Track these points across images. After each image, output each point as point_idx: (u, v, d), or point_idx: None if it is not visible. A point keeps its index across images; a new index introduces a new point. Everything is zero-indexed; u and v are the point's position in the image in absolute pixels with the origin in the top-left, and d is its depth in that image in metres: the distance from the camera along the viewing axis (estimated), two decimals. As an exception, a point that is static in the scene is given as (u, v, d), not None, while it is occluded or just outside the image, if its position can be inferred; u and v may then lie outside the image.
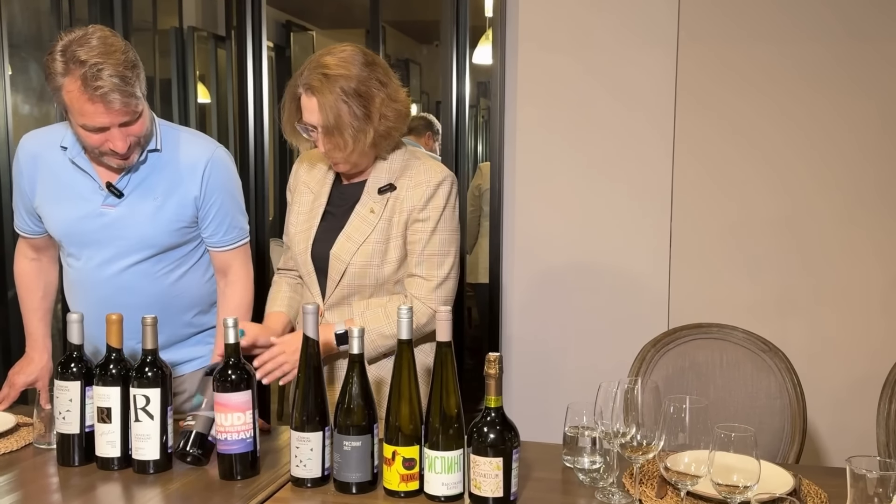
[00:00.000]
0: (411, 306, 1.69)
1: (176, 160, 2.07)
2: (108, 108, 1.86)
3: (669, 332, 2.36)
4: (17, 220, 2.21)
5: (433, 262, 2.03)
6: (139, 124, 1.95)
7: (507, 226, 3.32)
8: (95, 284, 2.11)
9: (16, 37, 3.69)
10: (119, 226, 2.06)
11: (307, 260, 2.09)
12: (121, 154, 1.95)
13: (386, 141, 2.02)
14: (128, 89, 1.86)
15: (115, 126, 1.90)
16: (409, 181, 2.04)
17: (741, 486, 1.45)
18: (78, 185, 2.07)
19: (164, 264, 2.12)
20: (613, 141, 3.20)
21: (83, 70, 1.83)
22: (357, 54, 1.97)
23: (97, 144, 1.94)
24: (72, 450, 1.84)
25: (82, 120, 1.89)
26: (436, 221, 2.03)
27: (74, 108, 1.88)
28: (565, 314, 3.29)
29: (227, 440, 1.73)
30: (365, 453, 1.67)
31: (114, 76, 1.84)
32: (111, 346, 1.82)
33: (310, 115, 1.96)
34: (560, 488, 1.73)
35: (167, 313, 2.07)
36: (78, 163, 2.06)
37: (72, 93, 1.85)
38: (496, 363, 1.57)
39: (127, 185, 2.05)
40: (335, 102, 1.92)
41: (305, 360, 1.72)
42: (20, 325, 2.34)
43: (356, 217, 2.05)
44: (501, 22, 3.25)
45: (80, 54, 1.83)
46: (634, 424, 1.59)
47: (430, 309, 2.01)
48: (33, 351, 2.25)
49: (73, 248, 2.11)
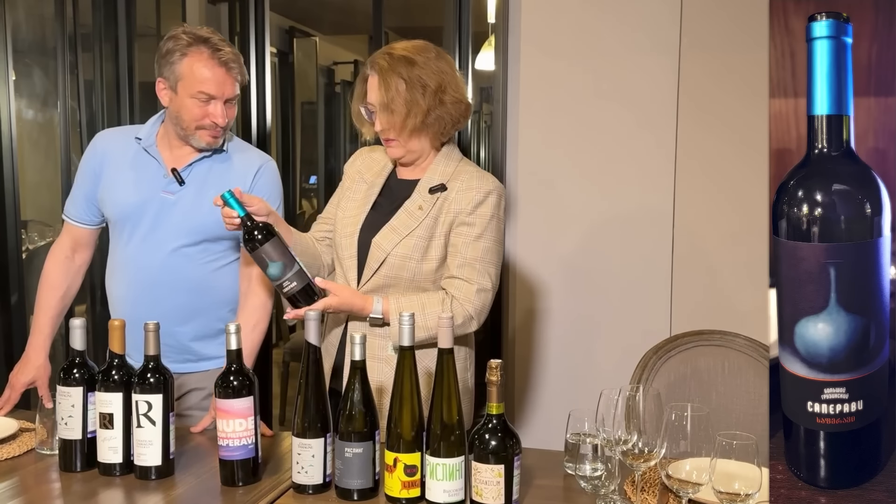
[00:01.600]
0: (413, 314, 1.68)
1: (234, 161, 2.29)
2: (228, 73, 2.16)
3: (671, 338, 2.36)
4: (70, 208, 2.36)
5: (475, 268, 2.04)
6: (234, 110, 2.22)
7: (509, 231, 3.32)
8: (143, 264, 2.25)
9: (20, 42, 3.70)
10: (174, 211, 2.23)
11: (352, 243, 2.12)
12: (220, 126, 2.18)
13: (440, 127, 2.08)
14: (241, 66, 2.20)
15: (221, 100, 2.16)
16: (460, 184, 2.08)
17: (743, 493, 1.44)
18: (145, 170, 2.27)
19: (208, 253, 2.27)
20: (616, 147, 3.20)
21: (209, 42, 2.16)
22: (427, 45, 2.12)
23: (199, 117, 2.17)
24: (74, 455, 1.84)
25: (201, 86, 2.14)
26: (482, 228, 2.05)
27: (196, 76, 2.14)
28: (567, 321, 3.29)
29: (228, 446, 1.73)
30: (366, 460, 1.67)
31: (232, 53, 2.18)
32: (113, 351, 1.82)
33: (371, 94, 2.07)
34: (561, 495, 1.73)
35: (203, 301, 2.27)
36: (150, 151, 2.27)
37: (198, 60, 2.14)
38: (498, 370, 1.57)
39: (189, 176, 2.25)
40: (394, 79, 2.03)
41: (307, 366, 1.72)
42: (24, 330, 2.35)
43: (404, 212, 2.09)
44: (504, 28, 3.26)
45: (203, 34, 2.18)
46: (636, 432, 1.58)
47: (468, 312, 2.03)
48: (31, 350, 2.29)
49: (128, 229, 2.27)
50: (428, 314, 1.99)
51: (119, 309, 2.30)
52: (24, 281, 3.56)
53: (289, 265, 1.87)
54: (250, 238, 1.88)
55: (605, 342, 3.24)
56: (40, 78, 3.78)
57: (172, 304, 2.23)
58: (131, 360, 1.88)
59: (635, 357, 2.34)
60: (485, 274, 2.05)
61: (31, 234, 3.90)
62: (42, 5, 3.86)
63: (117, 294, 2.32)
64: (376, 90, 2.05)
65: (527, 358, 3.35)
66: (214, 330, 2.30)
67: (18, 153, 3.49)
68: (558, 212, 3.27)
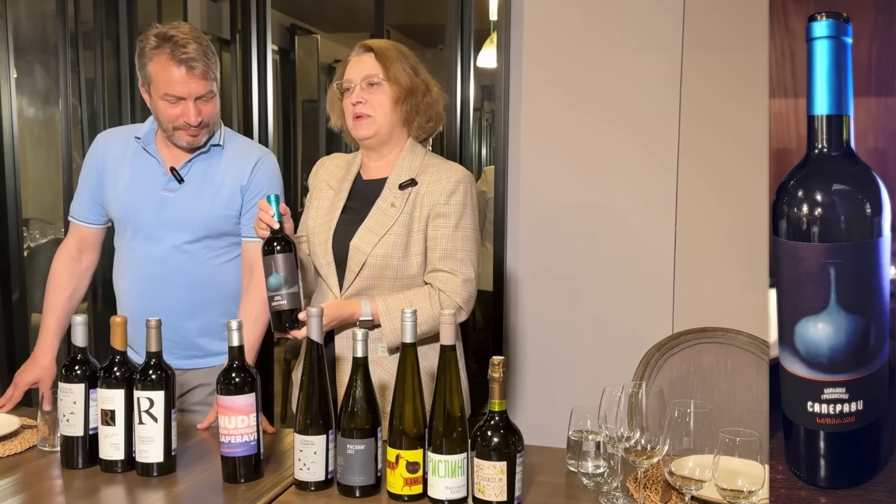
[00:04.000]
0: (415, 310, 1.69)
1: (232, 156, 2.30)
2: (190, 74, 2.13)
3: (674, 336, 2.36)
4: (75, 207, 2.39)
5: (457, 259, 2.06)
6: (211, 105, 2.20)
7: (511, 229, 3.32)
8: (147, 262, 2.28)
9: (21, 40, 3.71)
10: (175, 208, 2.25)
11: (327, 250, 2.11)
12: (193, 125, 2.17)
13: (423, 118, 2.12)
14: (208, 64, 2.16)
15: (192, 99, 2.15)
16: (430, 177, 2.09)
17: (746, 490, 1.45)
18: (145, 169, 2.29)
19: (210, 249, 2.29)
20: (618, 146, 3.20)
21: (172, 42, 2.13)
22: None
23: (173, 118, 2.17)
24: (75, 452, 1.85)
25: (166, 88, 2.14)
26: (458, 217, 2.07)
27: (161, 77, 2.14)
28: (569, 318, 3.29)
29: (230, 443, 1.73)
30: (368, 457, 1.67)
31: (197, 50, 2.14)
32: (115, 348, 1.82)
33: (355, 70, 2.10)
34: (564, 492, 1.73)
35: (208, 297, 2.30)
36: (148, 150, 2.29)
37: (160, 63, 2.13)
38: (500, 367, 1.57)
39: (188, 173, 2.26)
40: (392, 55, 2.08)
41: (309, 363, 1.72)
42: (25, 328, 2.36)
43: (377, 211, 2.09)
44: (506, 26, 3.26)
45: (170, 33, 2.14)
46: (639, 429, 1.59)
47: (457, 303, 2.04)
48: (38, 350, 2.30)
49: (131, 227, 2.30)
50: (417, 310, 1.99)
51: (125, 304, 2.33)
52: (26, 279, 3.56)
53: (290, 283, 1.88)
54: (271, 242, 1.89)
55: (608, 339, 3.24)
56: (42, 75, 3.79)
57: (177, 300, 2.26)
58: (138, 355, 1.89)
59: (638, 354, 2.35)
60: (467, 263, 2.07)
61: (33, 231, 3.91)
62: (43, 3, 3.87)
63: (123, 290, 2.34)
64: (368, 64, 2.09)
65: (529, 355, 3.35)
66: (220, 325, 2.30)
67: (20, 151, 3.49)
68: (561, 210, 3.27)
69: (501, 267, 3.33)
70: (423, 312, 1.98)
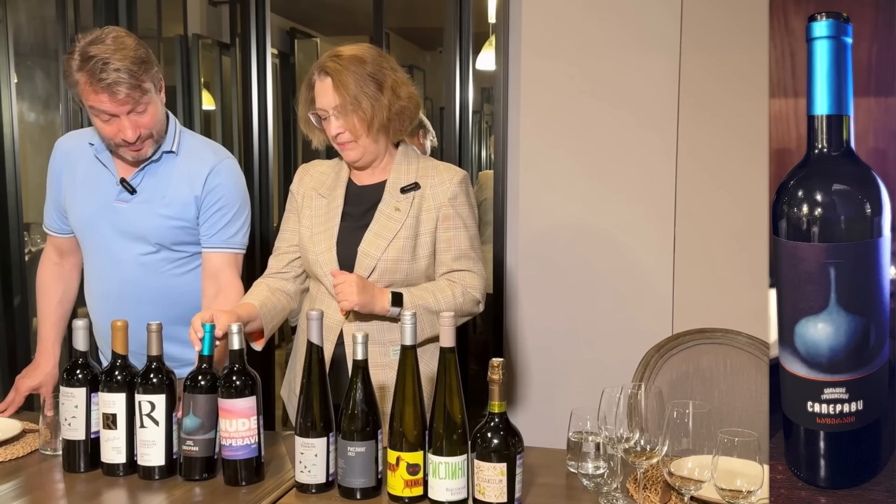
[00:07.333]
0: (416, 312, 1.69)
1: (187, 163, 2.18)
2: (113, 98, 1.99)
3: (673, 337, 2.36)
4: (46, 218, 2.32)
5: (470, 257, 2.11)
6: (148, 116, 2.07)
7: (510, 230, 3.32)
8: (106, 277, 2.21)
9: (22, 45, 3.71)
10: (128, 220, 2.16)
11: (332, 258, 2.08)
12: (131, 142, 2.06)
13: (398, 124, 2.08)
14: (133, 81, 2.00)
15: (124, 115, 2.03)
16: (432, 179, 2.10)
17: (745, 490, 1.45)
18: (98, 179, 2.19)
19: (168, 261, 2.20)
20: (617, 146, 3.20)
21: (92, 62, 1.98)
22: (369, 46, 2.10)
23: (111, 135, 2.06)
24: (77, 456, 1.84)
25: (92, 110, 2.03)
26: (465, 217, 2.10)
27: (85, 101, 2.03)
28: (569, 319, 3.29)
29: (231, 446, 1.73)
30: (369, 459, 1.67)
31: (120, 70, 1.98)
32: (116, 352, 1.82)
33: (323, 99, 2.04)
34: (564, 493, 1.74)
35: (171, 311, 2.15)
36: (101, 158, 2.19)
37: (82, 85, 2.00)
38: (500, 369, 1.57)
39: (140, 183, 2.17)
40: (349, 80, 1.99)
41: (309, 366, 1.72)
42: (27, 332, 2.35)
43: (381, 216, 2.08)
44: (504, 28, 3.26)
45: (92, 51, 1.99)
46: (638, 430, 1.59)
47: (476, 297, 2.10)
48: (40, 356, 2.29)
49: (88, 240, 2.23)
50: (440, 299, 2.04)
51: (96, 319, 2.26)
52: (27, 283, 3.57)
53: (206, 427, 1.76)
54: (195, 377, 1.76)
55: (607, 340, 3.24)
56: (42, 80, 3.80)
57: (144, 313, 2.00)
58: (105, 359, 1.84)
59: (637, 355, 2.35)
60: (478, 260, 2.13)
61: (34, 236, 3.91)
62: (43, 8, 3.87)
63: (91, 307, 2.28)
64: (331, 93, 2.01)
65: (529, 356, 3.35)
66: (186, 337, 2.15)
67: (21, 156, 3.50)
68: (560, 211, 3.27)
69: (501, 269, 3.33)
70: (445, 302, 2.03)
